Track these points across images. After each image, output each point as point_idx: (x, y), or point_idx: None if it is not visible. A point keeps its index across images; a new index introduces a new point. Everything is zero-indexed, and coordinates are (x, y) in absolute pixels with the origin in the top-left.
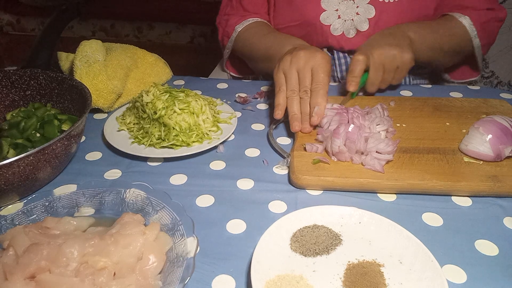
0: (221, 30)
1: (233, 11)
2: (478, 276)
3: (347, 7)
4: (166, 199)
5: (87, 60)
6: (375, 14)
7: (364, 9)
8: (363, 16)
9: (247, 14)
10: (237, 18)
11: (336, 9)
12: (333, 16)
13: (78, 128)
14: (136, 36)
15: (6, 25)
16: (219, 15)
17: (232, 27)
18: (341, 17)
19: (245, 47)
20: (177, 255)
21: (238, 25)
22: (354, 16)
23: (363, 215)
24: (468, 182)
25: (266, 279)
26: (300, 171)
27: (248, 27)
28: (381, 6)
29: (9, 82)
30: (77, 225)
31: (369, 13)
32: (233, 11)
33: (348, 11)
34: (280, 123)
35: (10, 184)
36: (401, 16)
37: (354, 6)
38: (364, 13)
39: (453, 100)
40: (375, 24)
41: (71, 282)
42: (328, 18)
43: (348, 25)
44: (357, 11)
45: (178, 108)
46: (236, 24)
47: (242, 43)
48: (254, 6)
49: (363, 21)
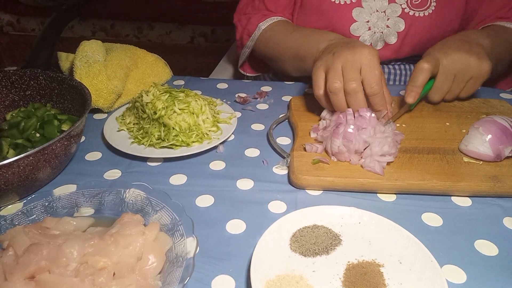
0: (240, 28)
1: (255, 10)
2: (478, 276)
3: (378, 19)
4: (166, 199)
5: (87, 60)
6: (404, 27)
7: (394, 22)
8: (392, 29)
9: (270, 14)
10: (260, 16)
11: (367, 21)
12: (363, 27)
13: (78, 128)
14: (136, 36)
15: (6, 25)
16: (237, 13)
17: (255, 25)
18: (371, 29)
19: (268, 46)
20: (176, 255)
21: (261, 23)
22: (384, 28)
23: (363, 215)
24: (468, 182)
25: (266, 279)
26: (300, 171)
27: (272, 26)
28: (411, 20)
29: (9, 82)
30: (77, 225)
31: (399, 27)
32: (255, 11)
33: (379, 23)
34: (280, 123)
35: (10, 184)
36: (430, 30)
37: (385, 19)
38: (394, 26)
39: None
40: (403, 37)
41: (71, 282)
42: (359, 29)
43: (377, 37)
44: (387, 24)
45: (178, 108)
46: (259, 22)
47: (265, 42)
48: (278, 6)
49: (392, 34)
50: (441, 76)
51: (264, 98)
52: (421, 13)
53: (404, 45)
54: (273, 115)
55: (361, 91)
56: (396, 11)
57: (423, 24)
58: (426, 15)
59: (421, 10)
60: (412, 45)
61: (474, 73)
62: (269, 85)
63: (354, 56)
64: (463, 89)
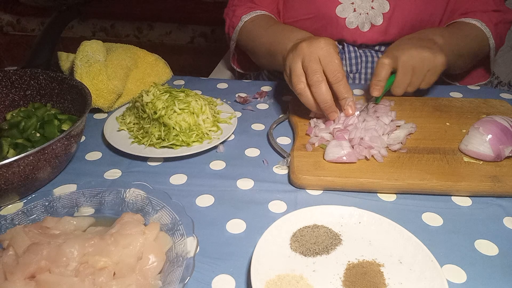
0: (228, 20)
1: (241, 2)
2: (478, 276)
3: (362, 0)
4: (166, 199)
5: (88, 60)
6: (389, 9)
7: (379, 4)
8: (378, 10)
9: (255, 7)
10: (245, 9)
11: (352, 2)
12: (349, 9)
13: (78, 128)
14: (136, 36)
15: (6, 25)
16: (227, 6)
17: (238, 17)
18: (357, 10)
19: (248, 40)
20: (177, 255)
21: (244, 15)
22: (369, 10)
23: (363, 215)
24: (468, 182)
25: (266, 279)
26: (300, 171)
27: (254, 19)
28: (395, 2)
29: (9, 82)
30: (77, 225)
31: (384, 8)
32: (241, 3)
33: (364, 5)
34: (280, 123)
35: (10, 184)
36: (415, 12)
37: (369, 0)
38: (379, 7)
39: (453, 100)
40: (389, 19)
41: (71, 282)
42: (344, 10)
43: (363, 19)
44: (372, 5)
45: (178, 108)
46: (243, 15)
47: (246, 35)
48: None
49: (378, 15)
50: (401, 71)
51: (264, 98)
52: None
53: (391, 26)
54: (273, 115)
55: (324, 81)
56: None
57: (408, 5)
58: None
59: None
60: (399, 26)
61: (430, 66)
62: (269, 85)
63: (310, 48)
64: (423, 81)
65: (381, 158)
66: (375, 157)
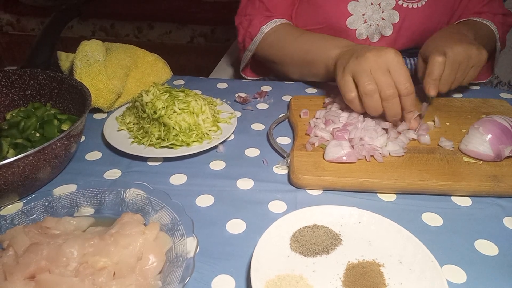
0: (242, 31)
1: (255, 11)
2: (478, 276)
3: (373, 11)
4: (166, 199)
5: (87, 60)
6: (399, 19)
7: (389, 14)
8: (387, 21)
9: (271, 15)
10: (262, 18)
11: (362, 14)
12: (359, 20)
13: (78, 128)
14: (136, 36)
15: (6, 25)
16: (238, 15)
17: (257, 27)
18: (367, 22)
19: (272, 50)
20: (176, 255)
21: (263, 25)
22: (379, 21)
23: (363, 215)
24: (468, 182)
25: (266, 279)
26: (300, 171)
27: (276, 29)
28: (405, 11)
29: (9, 82)
30: (77, 225)
31: (394, 19)
32: (255, 11)
33: (374, 16)
34: (280, 122)
35: (10, 184)
36: (424, 21)
37: (380, 11)
38: (389, 18)
39: (453, 100)
40: (398, 29)
41: (71, 282)
42: (355, 22)
43: (373, 30)
44: (382, 16)
45: (178, 108)
46: (261, 25)
47: (268, 45)
48: (278, 7)
49: (388, 26)
50: (448, 67)
51: (264, 98)
52: (414, 4)
53: (400, 36)
54: (273, 115)
55: (397, 96)
56: (390, 4)
57: (417, 15)
58: (419, 6)
59: (414, 2)
60: (408, 36)
61: (475, 61)
62: (269, 85)
63: (380, 58)
64: (466, 78)
65: (381, 158)
66: (375, 157)
